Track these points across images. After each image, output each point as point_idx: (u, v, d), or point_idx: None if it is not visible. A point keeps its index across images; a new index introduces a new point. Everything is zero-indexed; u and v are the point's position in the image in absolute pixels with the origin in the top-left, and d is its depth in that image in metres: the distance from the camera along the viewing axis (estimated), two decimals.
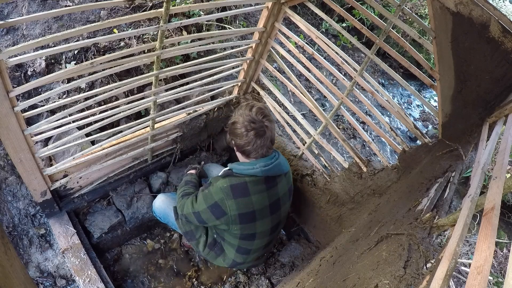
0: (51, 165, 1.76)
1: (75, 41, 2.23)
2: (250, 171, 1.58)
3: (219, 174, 1.70)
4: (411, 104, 4.17)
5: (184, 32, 2.57)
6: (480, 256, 0.67)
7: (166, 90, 1.83)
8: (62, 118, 1.53)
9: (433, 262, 0.90)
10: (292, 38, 1.89)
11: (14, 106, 1.31)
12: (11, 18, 2.18)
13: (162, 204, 1.99)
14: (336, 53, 1.74)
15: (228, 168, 1.68)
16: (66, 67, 2.25)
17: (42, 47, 2.04)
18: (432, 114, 3.21)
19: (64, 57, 2.28)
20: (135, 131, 1.89)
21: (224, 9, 2.93)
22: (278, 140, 2.29)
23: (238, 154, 1.65)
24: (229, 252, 1.83)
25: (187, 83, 1.92)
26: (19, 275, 0.86)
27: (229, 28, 2.86)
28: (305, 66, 1.94)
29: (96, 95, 1.55)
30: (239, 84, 2.23)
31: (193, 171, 2.06)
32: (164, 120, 2.00)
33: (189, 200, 1.69)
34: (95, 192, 2.06)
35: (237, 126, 1.55)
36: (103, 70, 1.47)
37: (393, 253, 1.00)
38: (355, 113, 1.77)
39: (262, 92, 2.23)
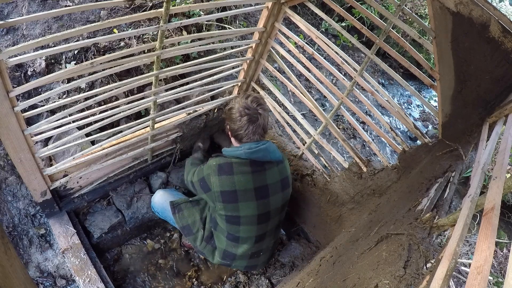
0: (51, 165, 1.76)
1: (75, 41, 2.23)
2: (235, 152, 1.68)
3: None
4: (411, 104, 4.17)
5: (184, 32, 2.57)
6: (480, 256, 0.67)
7: (166, 90, 1.83)
8: (62, 118, 1.53)
9: (433, 262, 0.90)
10: (292, 38, 1.89)
11: (14, 106, 1.31)
12: (11, 18, 2.18)
13: (160, 199, 2.02)
14: (336, 53, 1.74)
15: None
16: (66, 67, 2.24)
17: (42, 47, 2.04)
18: (432, 114, 3.21)
19: (64, 57, 2.28)
20: (135, 131, 1.89)
21: (224, 9, 2.93)
22: (278, 140, 2.29)
23: (232, 139, 1.75)
24: (220, 241, 1.84)
25: (187, 83, 1.92)
26: (19, 275, 0.86)
27: (229, 28, 2.86)
28: (305, 66, 1.94)
29: (96, 95, 1.55)
30: (239, 84, 2.23)
31: (199, 153, 2.20)
32: (164, 120, 2.00)
33: (193, 170, 1.85)
34: (95, 192, 2.06)
35: (233, 111, 1.67)
36: (103, 70, 1.47)
37: (393, 253, 1.00)
38: (355, 113, 1.77)
39: (262, 92, 2.23)
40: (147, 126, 1.93)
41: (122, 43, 2.39)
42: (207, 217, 1.90)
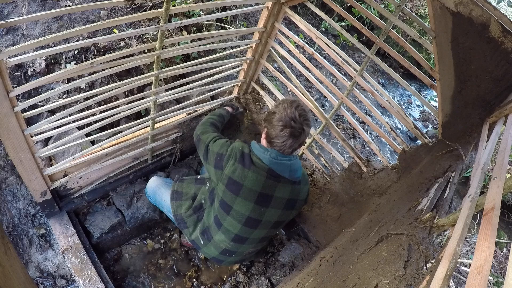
0: (51, 165, 1.76)
1: (75, 41, 2.23)
2: (261, 154, 1.60)
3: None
4: (411, 104, 4.17)
5: (184, 32, 2.57)
6: (480, 256, 0.67)
7: (166, 90, 1.83)
8: (62, 118, 1.53)
9: (433, 262, 0.90)
10: (292, 38, 1.89)
11: (14, 106, 1.31)
12: (11, 18, 2.18)
13: (152, 184, 2.03)
14: (336, 53, 1.74)
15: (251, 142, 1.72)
16: (66, 67, 2.25)
17: (42, 47, 2.04)
18: (432, 114, 3.20)
19: (64, 57, 2.28)
20: (135, 131, 1.89)
21: (224, 9, 2.93)
22: None
23: (263, 137, 1.65)
24: (209, 218, 1.81)
25: (187, 83, 1.92)
26: (19, 275, 0.86)
27: (229, 28, 2.86)
28: (305, 66, 1.94)
29: (96, 95, 1.55)
30: (239, 84, 2.23)
31: (229, 109, 2.13)
32: (164, 120, 2.00)
33: (213, 135, 1.78)
34: (95, 192, 2.06)
35: (276, 117, 1.53)
36: (103, 70, 1.47)
37: (393, 253, 1.00)
38: (355, 113, 1.77)
39: (262, 92, 2.23)
40: (147, 126, 1.93)
41: (122, 43, 2.39)
42: (200, 194, 1.88)
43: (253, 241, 1.82)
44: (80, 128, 1.82)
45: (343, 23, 3.48)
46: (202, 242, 1.88)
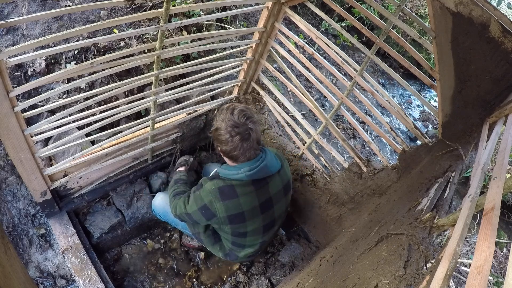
0: (51, 165, 1.76)
1: (75, 41, 2.23)
2: (235, 176, 1.56)
3: (208, 176, 1.68)
4: (411, 104, 4.17)
5: (184, 32, 2.57)
6: (480, 256, 0.67)
7: (166, 90, 1.83)
8: (62, 118, 1.53)
9: (433, 262, 0.90)
10: (292, 38, 1.89)
11: (14, 106, 1.31)
12: (11, 18, 2.18)
13: (161, 202, 2.01)
14: (336, 53, 1.74)
15: (216, 170, 1.67)
16: (66, 67, 2.24)
17: (42, 47, 2.04)
18: (432, 114, 3.20)
19: (64, 57, 2.28)
20: (135, 131, 1.89)
21: (224, 9, 2.93)
22: (278, 140, 2.29)
23: (226, 159, 1.61)
24: (226, 243, 1.85)
25: (187, 83, 1.92)
26: (19, 275, 0.86)
27: (229, 28, 2.86)
28: (305, 66, 1.94)
29: (96, 95, 1.55)
30: (239, 84, 2.23)
31: (182, 168, 2.07)
32: (164, 120, 2.00)
33: (181, 201, 1.71)
34: (95, 192, 2.06)
35: (221, 132, 1.50)
36: (103, 70, 1.47)
37: (393, 253, 1.00)
38: (355, 113, 1.76)
39: (262, 92, 2.23)
40: (147, 126, 1.93)
41: (122, 43, 2.39)
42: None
43: (275, 231, 1.90)
44: (80, 128, 1.82)
45: (343, 23, 3.48)
46: (228, 259, 1.93)
